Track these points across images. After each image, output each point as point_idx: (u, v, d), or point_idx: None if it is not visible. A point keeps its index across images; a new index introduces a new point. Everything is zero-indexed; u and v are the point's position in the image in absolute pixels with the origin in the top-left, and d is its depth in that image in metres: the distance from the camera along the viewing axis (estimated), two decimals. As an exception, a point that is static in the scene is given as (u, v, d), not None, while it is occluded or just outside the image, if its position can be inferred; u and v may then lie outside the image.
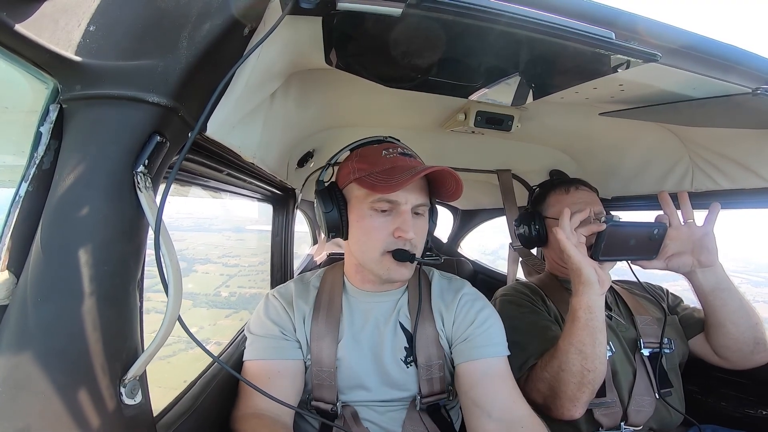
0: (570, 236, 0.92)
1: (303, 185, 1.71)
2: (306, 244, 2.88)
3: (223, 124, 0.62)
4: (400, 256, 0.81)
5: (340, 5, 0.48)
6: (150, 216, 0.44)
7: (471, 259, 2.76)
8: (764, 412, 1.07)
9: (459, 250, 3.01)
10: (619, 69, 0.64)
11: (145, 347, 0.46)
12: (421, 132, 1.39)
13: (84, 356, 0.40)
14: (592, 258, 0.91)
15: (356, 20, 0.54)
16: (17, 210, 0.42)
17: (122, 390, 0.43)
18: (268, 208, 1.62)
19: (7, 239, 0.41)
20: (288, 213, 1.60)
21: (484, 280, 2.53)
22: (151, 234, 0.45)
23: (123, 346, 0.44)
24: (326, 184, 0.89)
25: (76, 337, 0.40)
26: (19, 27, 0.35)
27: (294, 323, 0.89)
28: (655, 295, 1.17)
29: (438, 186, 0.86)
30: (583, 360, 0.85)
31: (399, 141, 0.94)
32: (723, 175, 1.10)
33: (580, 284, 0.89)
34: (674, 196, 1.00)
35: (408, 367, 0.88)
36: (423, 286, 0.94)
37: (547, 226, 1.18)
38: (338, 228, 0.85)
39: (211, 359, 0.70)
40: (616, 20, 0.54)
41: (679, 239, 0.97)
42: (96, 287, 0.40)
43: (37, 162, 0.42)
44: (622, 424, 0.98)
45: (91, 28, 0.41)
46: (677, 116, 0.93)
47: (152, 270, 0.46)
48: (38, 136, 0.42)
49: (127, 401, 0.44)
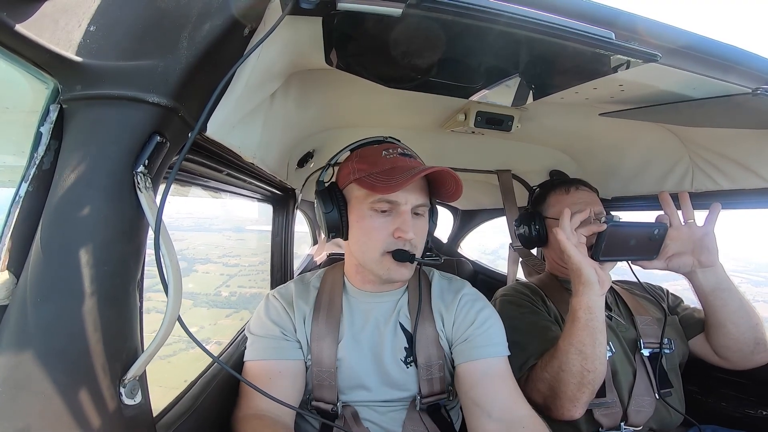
0: (570, 236, 0.92)
1: (303, 185, 1.71)
2: (306, 244, 2.88)
3: (223, 125, 0.62)
4: (400, 256, 0.81)
5: (340, 5, 0.48)
6: (150, 216, 0.44)
7: (471, 259, 2.76)
8: (764, 413, 1.07)
9: (459, 250, 3.01)
10: (619, 69, 0.64)
11: (145, 347, 0.46)
12: (421, 132, 1.39)
13: (84, 356, 0.40)
14: (593, 258, 0.91)
15: (356, 20, 0.54)
16: (17, 210, 0.42)
17: (122, 390, 0.43)
18: (268, 209, 1.62)
19: (7, 239, 0.41)
20: (288, 213, 1.60)
21: (484, 281, 2.53)
22: (151, 234, 0.45)
23: (123, 347, 0.44)
24: (326, 185, 0.89)
25: (76, 337, 0.40)
26: (19, 27, 0.35)
27: (294, 323, 0.89)
28: (655, 295, 1.17)
29: (438, 186, 0.86)
30: (583, 360, 0.85)
31: (399, 141, 0.94)
32: (723, 175, 1.10)
33: (580, 284, 0.89)
34: (674, 197, 1.00)
35: (408, 368, 0.88)
36: (423, 287, 0.94)
37: (548, 226, 1.18)
38: (338, 228, 0.85)
39: (211, 359, 0.70)
40: (616, 20, 0.54)
41: (680, 239, 0.97)
42: (96, 287, 0.40)
43: (37, 162, 0.42)
44: (622, 424, 0.98)
45: (92, 29, 0.41)
46: (677, 116, 0.93)
47: (152, 270, 0.46)
48: (38, 136, 0.42)
49: (127, 401, 0.44)
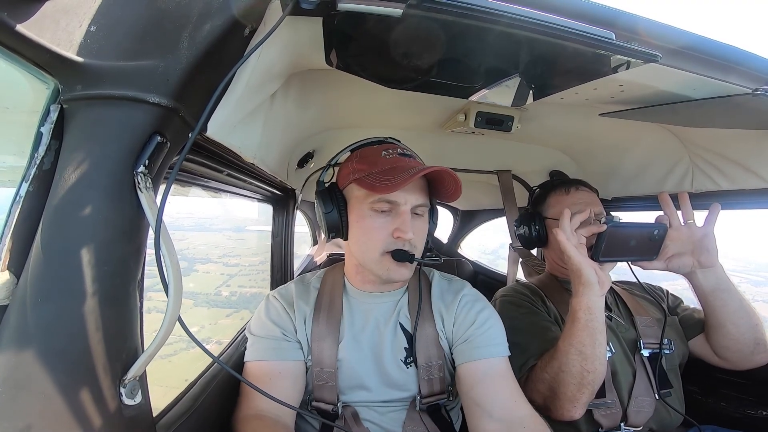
0: (570, 237, 0.92)
1: (303, 186, 1.71)
2: (306, 244, 2.88)
3: (224, 125, 0.62)
4: (400, 256, 0.81)
5: (341, 6, 0.48)
6: (150, 216, 0.44)
7: (471, 259, 2.76)
8: (764, 413, 1.07)
9: (459, 250, 3.01)
10: (619, 70, 0.64)
11: (145, 347, 0.46)
12: (421, 133, 1.39)
13: (84, 356, 0.40)
14: (593, 259, 0.91)
15: (357, 21, 0.54)
16: (18, 210, 0.42)
17: (122, 390, 0.43)
18: (268, 209, 1.62)
19: (7, 239, 0.41)
20: (288, 213, 1.60)
21: (484, 281, 2.53)
22: (151, 234, 0.45)
23: (123, 347, 0.44)
24: (326, 185, 0.89)
25: (76, 338, 0.40)
26: (20, 27, 0.35)
27: (295, 324, 0.89)
28: (655, 295, 1.17)
29: (437, 186, 0.86)
30: (583, 361, 0.85)
31: (399, 142, 0.94)
32: (723, 175, 1.10)
33: (580, 285, 0.89)
34: (674, 197, 1.00)
35: (408, 368, 0.88)
36: (423, 287, 0.94)
37: (548, 226, 1.18)
38: (338, 228, 0.85)
39: (212, 360, 0.70)
40: (616, 21, 0.54)
41: (680, 240, 0.97)
42: (96, 287, 0.40)
43: (37, 162, 0.42)
44: (622, 424, 0.98)
45: (92, 29, 0.41)
46: (677, 117, 0.93)
47: (153, 269, 0.46)
48: (39, 136, 0.42)
49: (127, 401, 0.44)
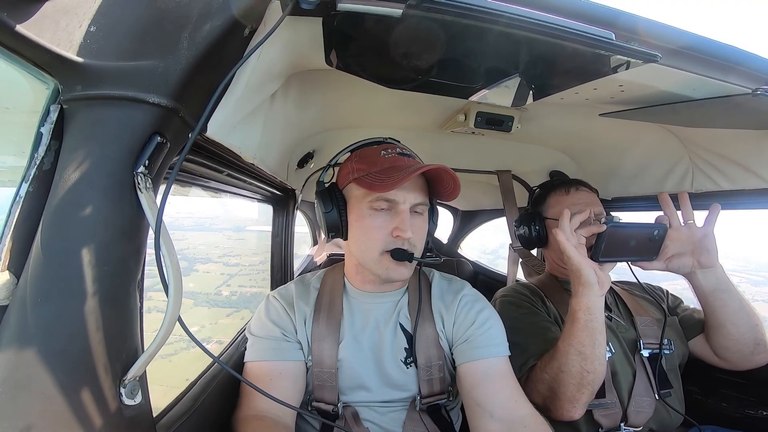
0: (570, 237, 0.92)
1: (303, 186, 1.71)
2: (306, 244, 2.88)
3: (224, 125, 0.62)
4: (399, 255, 0.81)
5: (341, 6, 0.48)
6: (150, 217, 0.44)
7: (471, 260, 2.76)
8: (765, 413, 1.07)
9: (459, 251, 3.01)
10: (619, 70, 0.64)
11: (146, 348, 0.46)
12: (421, 133, 1.39)
13: (84, 356, 0.40)
14: (592, 259, 0.91)
15: (356, 21, 0.54)
16: (18, 210, 0.42)
17: (122, 390, 0.43)
18: (268, 209, 1.62)
19: (7, 240, 0.41)
20: (288, 214, 1.60)
21: (484, 281, 2.53)
22: (151, 234, 0.45)
23: (123, 347, 0.44)
24: (326, 185, 0.90)
25: (76, 338, 0.40)
26: (20, 27, 0.35)
27: (295, 324, 0.89)
28: (655, 296, 1.17)
29: (436, 185, 0.86)
30: (583, 361, 0.85)
31: (399, 142, 0.94)
32: (723, 175, 1.10)
33: (580, 285, 0.89)
34: (674, 197, 1.00)
35: (408, 368, 0.88)
36: (423, 287, 0.94)
37: (547, 227, 1.17)
38: (338, 228, 0.86)
39: (212, 360, 0.70)
40: (616, 21, 0.54)
41: (680, 240, 0.97)
42: (96, 287, 0.40)
43: (37, 162, 0.42)
44: (622, 424, 0.98)
45: (92, 29, 0.41)
46: (677, 117, 0.93)
47: (153, 269, 0.46)
48: (39, 136, 0.42)
49: (127, 402, 0.44)
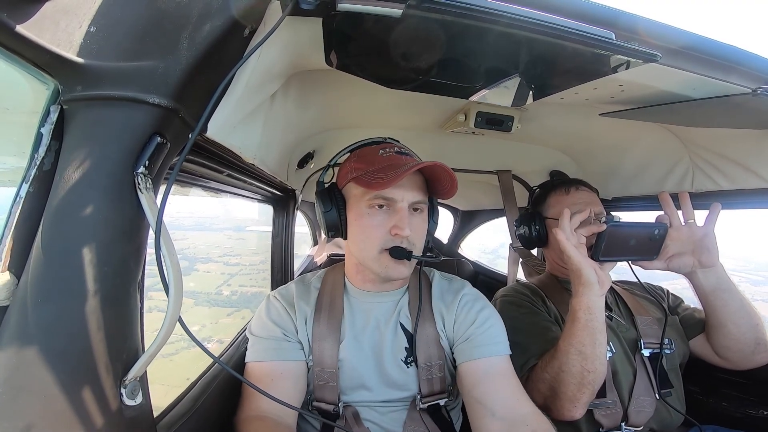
0: (570, 237, 0.92)
1: (303, 186, 1.71)
2: (306, 245, 2.88)
3: (224, 125, 0.62)
4: (397, 253, 0.81)
5: (340, 6, 0.48)
6: (151, 217, 0.44)
7: (471, 259, 2.76)
8: (765, 413, 1.07)
9: (459, 250, 3.01)
10: (619, 69, 0.64)
11: (146, 348, 0.46)
12: (421, 133, 1.39)
13: (85, 357, 0.40)
14: (593, 258, 0.91)
15: (356, 21, 0.54)
16: (18, 211, 0.42)
17: (123, 391, 0.43)
18: (268, 209, 1.62)
19: (7, 240, 0.41)
20: (288, 214, 1.60)
21: (485, 281, 2.53)
22: (151, 234, 0.45)
23: (123, 347, 0.44)
24: (326, 185, 0.90)
25: (77, 338, 0.40)
26: (20, 28, 0.35)
27: (296, 324, 0.89)
28: (655, 295, 1.16)
29: (435, 184, 0.86)
30: (583, 361, 0.85)
31: (398, 142, 0.94)
32: (723, 175, 1.10)
33: (580, 285, 0.89)
34: (674, 197, 1.00)
35: (408, 368, 0.88)
36: (423, 287, 0.94)
37: (548, 226, 1.17)
38: (337, 227, 0.86)
39: (212, 360, 0.70)
40: (616, 20, 0.54)
41: (680, 239, 0.97)
42: (96, 288, 0.40)
43: (37, 163, 0.42)
44: (623, 424, 0.98)
45: (92, 29, 0.41)
46: (677, 117, 0.93)
47: (153, 269, 0.47)
48: (39, 137, 0.42)
49: (128, 402, 0.44)
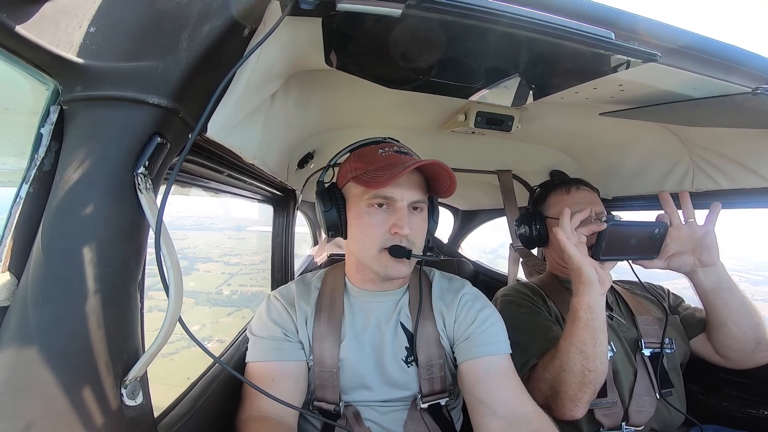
0: (570, 236, 0.92)
1: (303, 186, 1.71)
2: (306, 245, 2.88)
3: (224, 125, 0.62)
4: (397, 252, 0.81)
5: (340, 6, 0.48)
6: (151, 218, 0.44)
7: (472, 259, 2.76)
8: (766, 412, 1.07)
9: (459, 250, 3.01)
10: (619, 69, 0.64)
11: (146, 348, 0.46)
12: (421, 133, 1.39)
13: (85, 357, 0.40)
14: (593, 258, 0.91)
15: (356, 21, 0.54)
16: (18, 211, 0.42)
17: (123, 391, 0.43)
18: (268, 209, 1.62)
19: (8, 241, 0.41)
20: (288, 214, 1.60)
21: (485, 281, 2.53)
22: (151, 234, 0.46)
23: (124, 347, 0.44)
24: (326, 185, 0.90)
25: (77, 338, 0.40)
26: (19, 28, 0.35)
27: (296, 324, 0.89)
28: (656, 295, 1.16)
29: (434, 183, 0.86)
30: (584, 360, 0.85)
31: (398, 141, 0.94)
32: (723, 174, 1.10)
33: (581, 284, 0.89)
34: (675, 196, 1.00)
35: (409, 367, 0.88)
36: (424, 286, 0.94)
37: (548, 226, 1.17)
38: (337, 227, 0.86)
39: (213, 360, 0.70)
40: (616, 20, 0.54)
41: (680, 239, 0.97)
42: (97, 288, 0.41)
43: (37, 163, 0.42)
44: (623, 424, 0.98)
45: (92, 30, 0.41)
46: (677, 116, 0.93)
47: (153, 268, 0.47)
48: (39, 137, 0.42)
49: (128, 402, 0.44)
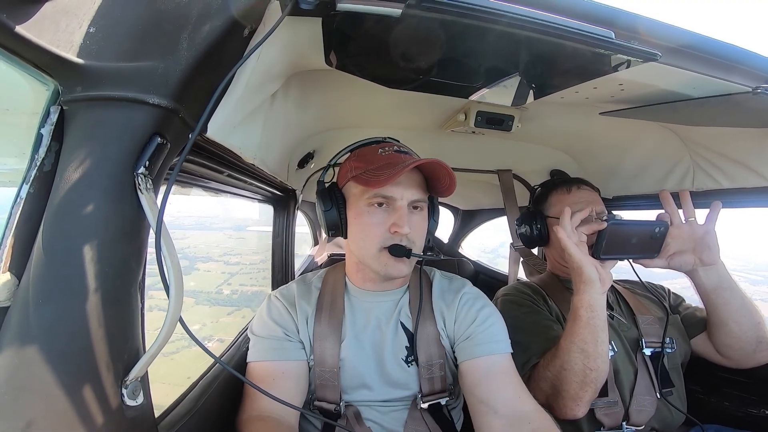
0: (571, 235, 0.92)
1: (303, 186, 1.71)
2: (307, 244, 2.88)
3: (224, 125, 0.62)
4: (396, 251, 0.81)
5: (340, 6, 0.48)
6: (151, 218, 0.44)
7: (472, 259, 2.76)
8: (767, 412, 1.07)
9: (460, 250, 3.01)
10: (619, 68, 0.64)
11: (147, 348, 0.46)
12: (421, 133, 1.39)
13: (86, 357, 0.40)
14: (594, 256, 0.91)
15: (356, 21, 0.54)
16: (18, 212, 0.42)
17: (124, 391, 0.43)
18: (269, 209, 1.62)
19: (8, 241, 0.41)
20: (289, 214, 1.60)
21: (486, 281, 2.53)
22: (152, 234, 0.46)
23: (125, 347, 0.44)
24: (326, 185, 0.90)
25: (78, 338, 0.40)
26: (19, 29, 0.35)
27: (297, 324, 0.89)
28: (656, 294, 1.16)
29: (434, 182, 0.86)
30: (586, 359, 0.85)
31: (398, 141, 0.94)
32: (723, 174, 1.10)
33: (581, 283, 0.89)
34: (675, 196, 1.00)
35: (409, 367, 0.88)
36: (424, 286, 0.94)
37: (549, 225, 1.17)
38: (338, 226, 0.86)
39: (214, 360, 0.70)
40: (616, 20, 0.54)
41: (681, 238, 0.97)
42: (97, 288, 0.41)
43: (38, 164, 0.42)
44: (624, 423, 0.98)
45: (92, 30, 0.41)
46: (677, 115, 0.93)
47: (153, 268, 0.47)
48: (39, 137, 0.42)
49: (129, 402, 0.44)
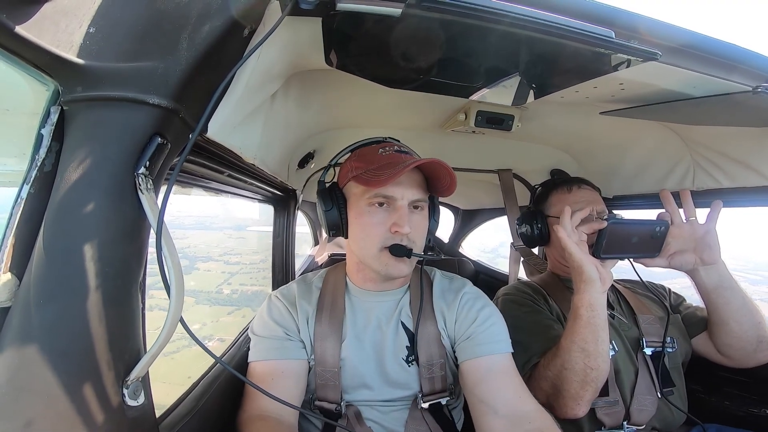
0: (571, 234, 0.92)
1: (304, 186, 1.71)
2: (307, 244, 2.88)
3: (224, 126, 0.62)
4: (397, 251, 0.81)
5: (340, 6, 0.48)
6: (152, 218, 0.44)
7: (473, 259, 2.76)
8: None
9: (460, 250, 3.01)
10: (620, 68, 0.64)
11: (148, 348, 0.46)
12: (421, 132, 1.39)
13: (87, 357, 0.40)
14: (594, 256, 0.91)
15: (356, 21, 0.54)
16: (19, 212, 0.42)
17: (125, 391, 0.43)
18: (269, 209, 1.62)
19: (9, 241, 0.41)
20: (289, 214, 1.60)
21: (486, 280, 2.53)
22: (152, 234, 0.46)
23: (125, 347, 0.44)
24: (327, 185, 0.90)
25: (79, 339, 0.40)
26: (19, 29, 0.35)
27: (297, 323, 0.89)
28: (657, 293, 1.16)
29: (434, 182, 0.86)
30: (586, 358, 0.85)
31: (398, 141, 0.94)
32: (724, 173, 1.10)
33: (582, 282, 0.89)
34: (676, 195, 1.00)
35: (409, 366, 0.88)
36: (424, 286, 0.94)
37: (549, 224, 1.17)
38: (338, 226, 0.86)
39: (214, 360, 0.70)
40: (616, 19, 0.54)
41: (682, 237, 0.97)
42: (98, 288, 0.41)
43: (38, 164, 0.42)
44: (625, 423, 0.98)
45: (92, 30, 0.41)
46: (678, 115, 0.93)
47: (154, 267, 0.47)
48: (39, 138, 0.42)
49: (130, 402, 0.44)
